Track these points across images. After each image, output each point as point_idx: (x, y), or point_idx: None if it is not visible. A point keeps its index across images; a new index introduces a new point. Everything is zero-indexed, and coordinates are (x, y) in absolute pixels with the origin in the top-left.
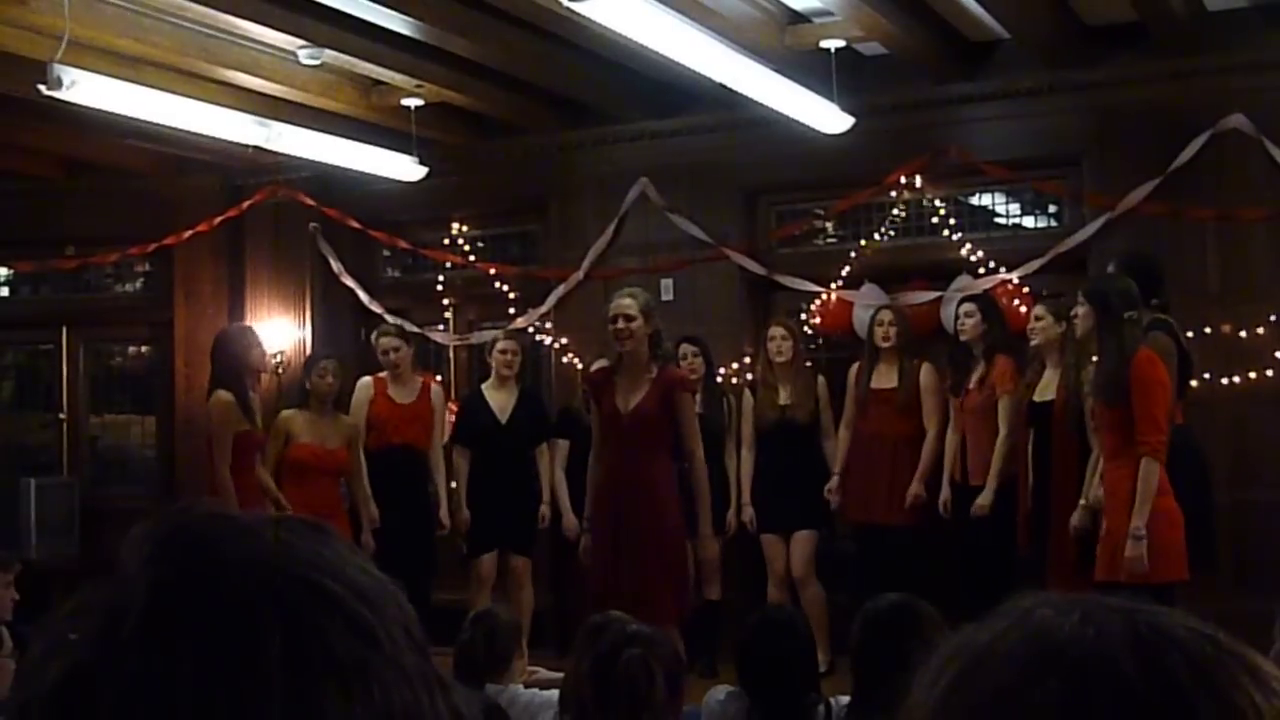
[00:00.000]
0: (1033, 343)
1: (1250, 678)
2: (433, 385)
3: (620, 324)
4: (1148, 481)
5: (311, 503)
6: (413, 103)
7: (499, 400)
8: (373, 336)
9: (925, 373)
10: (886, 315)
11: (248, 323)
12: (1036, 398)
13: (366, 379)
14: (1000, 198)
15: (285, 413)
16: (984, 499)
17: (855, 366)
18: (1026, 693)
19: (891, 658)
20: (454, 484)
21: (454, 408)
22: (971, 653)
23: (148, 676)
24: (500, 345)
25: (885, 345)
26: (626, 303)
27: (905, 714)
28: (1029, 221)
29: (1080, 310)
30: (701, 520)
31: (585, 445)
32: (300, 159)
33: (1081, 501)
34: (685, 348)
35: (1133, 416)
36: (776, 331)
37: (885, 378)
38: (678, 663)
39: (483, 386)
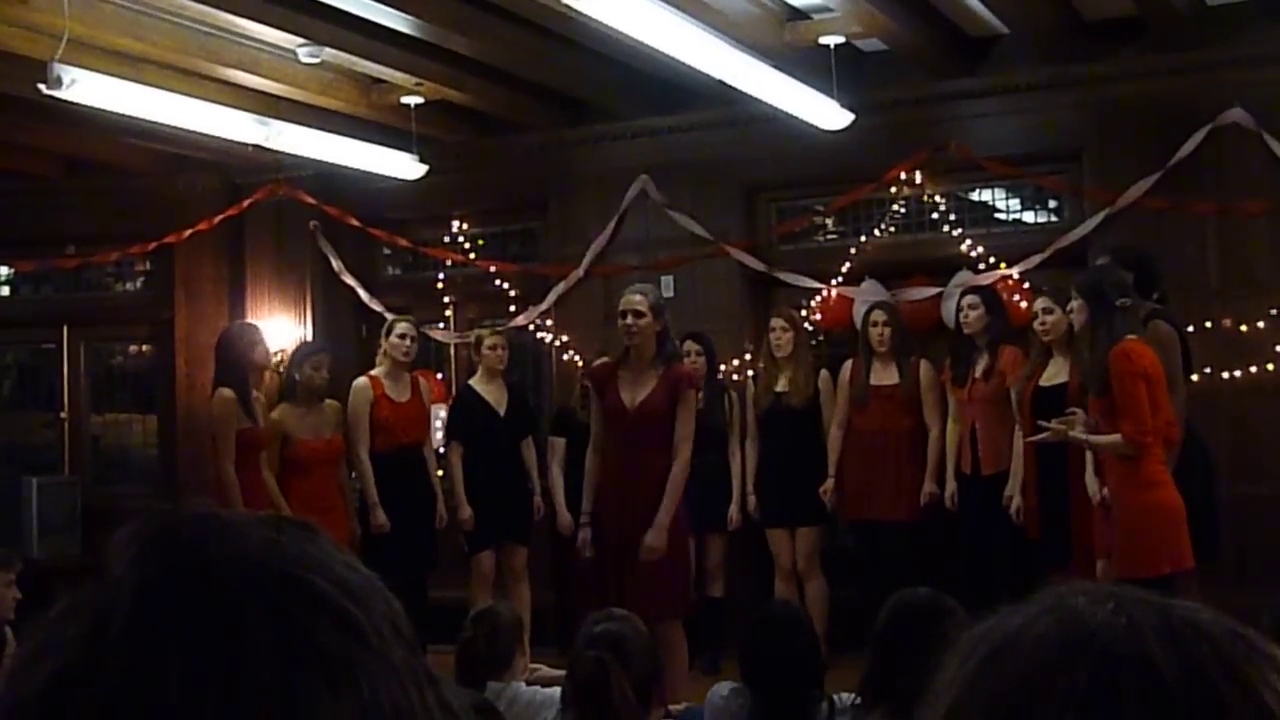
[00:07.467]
0: (1046, 339)
1: (1278, 675)
2: (421, 381)
3: (629, 320)
4: (1112, 446)
5: (316, 496)
6: (412, 100)
7: (493, 395)
8: (387, 326)
9: (924, 370)
10: (879, 315)
11: (250, 320)
12: (1044, 383)
13: (363, 380)
14: (1000, 193)
15: (274, 412)
16: (1012, 490)
17: (847, 365)
18: (1054, 678)
19: (914, 648)
20: (441, 473)
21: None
22: (1002, 635)
23: (135, 677)
24: (489, 341)
25: (881, 349)
26: (636, 299)
27: (932, 694)
28: (1029, 217)
29: (1074, 304)
30: (662, 510)
31: (580, 444)
32: (300, 157)
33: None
34: (689, 344)
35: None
36: (777, 324)
37: (885, 374)
38: (648, 663)
39: (471, 383)
